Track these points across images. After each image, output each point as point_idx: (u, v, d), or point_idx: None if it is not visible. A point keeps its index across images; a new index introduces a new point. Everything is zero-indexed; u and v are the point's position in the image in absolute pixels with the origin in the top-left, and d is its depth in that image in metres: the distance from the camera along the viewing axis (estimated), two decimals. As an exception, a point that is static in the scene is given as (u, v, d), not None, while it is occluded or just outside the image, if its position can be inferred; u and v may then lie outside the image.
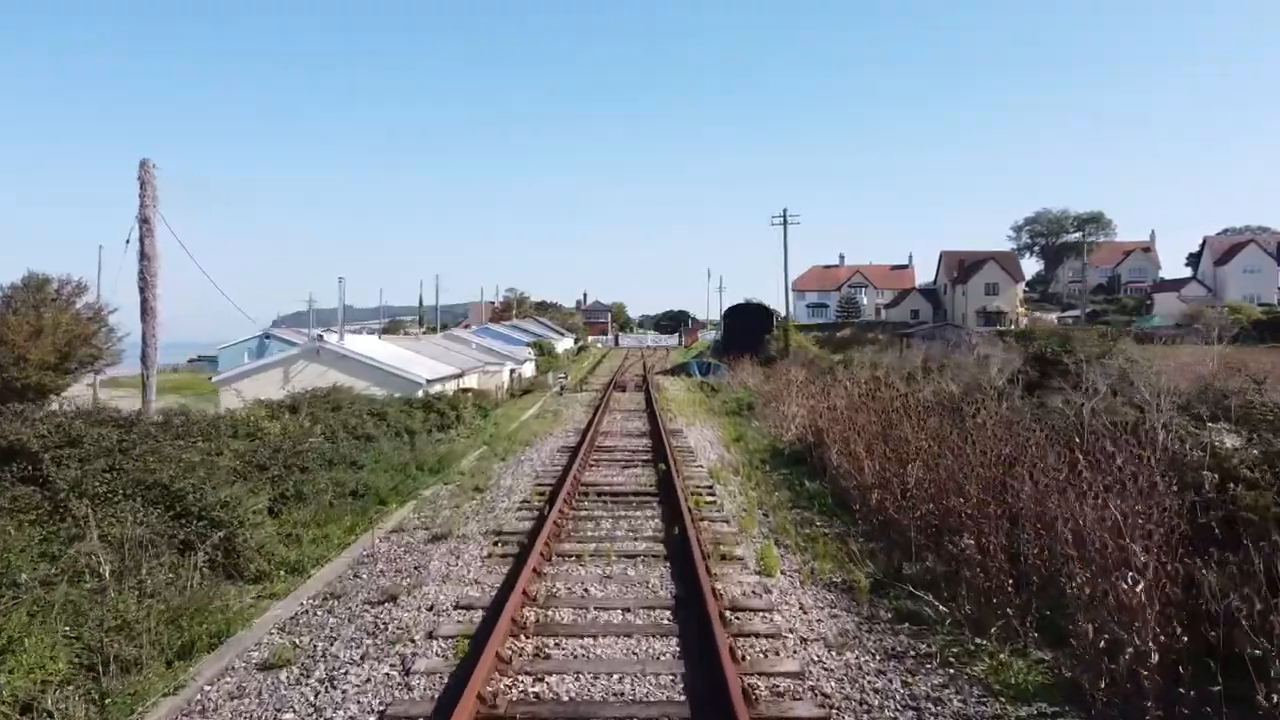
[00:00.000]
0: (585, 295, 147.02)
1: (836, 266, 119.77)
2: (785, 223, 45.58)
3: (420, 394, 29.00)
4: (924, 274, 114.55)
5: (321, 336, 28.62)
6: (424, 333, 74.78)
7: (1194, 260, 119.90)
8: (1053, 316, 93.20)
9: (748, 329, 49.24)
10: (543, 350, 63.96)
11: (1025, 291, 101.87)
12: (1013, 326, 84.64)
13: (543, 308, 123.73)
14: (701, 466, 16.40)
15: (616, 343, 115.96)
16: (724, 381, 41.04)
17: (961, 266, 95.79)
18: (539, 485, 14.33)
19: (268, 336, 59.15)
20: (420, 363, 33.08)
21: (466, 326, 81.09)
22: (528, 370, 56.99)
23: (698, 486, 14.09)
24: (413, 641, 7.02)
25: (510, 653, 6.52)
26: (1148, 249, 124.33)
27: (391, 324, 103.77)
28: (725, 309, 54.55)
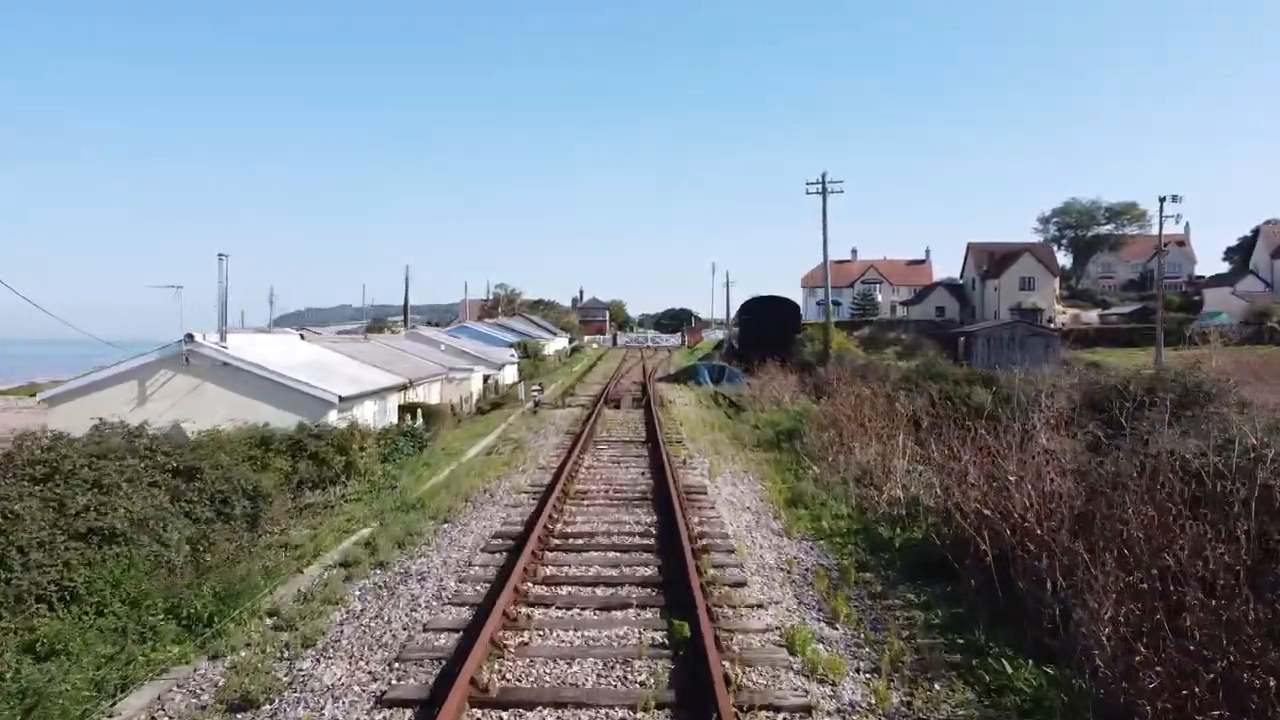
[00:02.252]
0: (581, 292, 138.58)
1: (848, 261, 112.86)
2: (825, 190, 35.95)
3: (333, 416, 20.91)
4: (941, 269, 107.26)
5: (191, 336, 20.32)
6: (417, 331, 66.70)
7: (1232, 254, 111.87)
8: (1094, 314, 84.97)
9: (770, 327, 40.02)
10: (527, 352, 55.54)
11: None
12: (1051, 324, 76.45)
13: (538, 305, 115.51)
14: (762, 610, 7.94)
15: (614, 342, 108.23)
16: (744, 393, 32.76)
17: (992, 260, 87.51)
18: (394, 697, 6.00)
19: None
20: (344, 372, 24.83)
21: (450, 326, 72.79)
22: (508, 375, 48.61)
23: (778, 706, 5.78)
24: None
25: None
26: (1182, 243, 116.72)
27: (376, 323, 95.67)
28: (742, 303, 45.36)
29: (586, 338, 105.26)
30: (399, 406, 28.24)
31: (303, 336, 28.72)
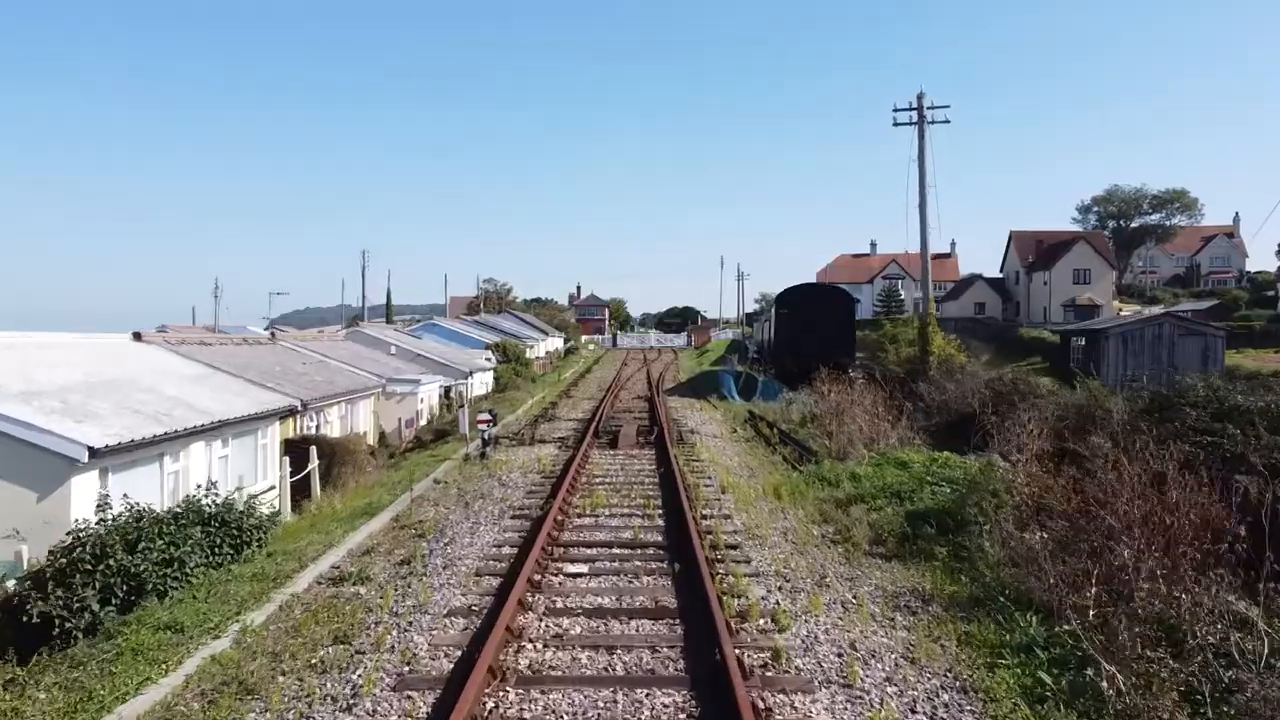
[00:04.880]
0: (579, 289, 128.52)
1: (867, 255, 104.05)
2: (921, 119, 24.89)
3: (79, 484, 11.52)
4: (968, 263, 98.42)
5: None
6: (360, 329, 57.07)
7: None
8: (1158, 310, 75.19)
9: (821, 324, 29.39)
10: (507, 355, 45.74)
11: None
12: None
13: (533, 303, 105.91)
14: None
15: (614, 343, 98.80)
16: (789, 412, 23.14)
17: (1040, 250, 77.74)
18: None
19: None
20: (164, 395, 15.15)
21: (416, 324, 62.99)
22: (480, 385, 38.94)
23: None
24: None
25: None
26: (1231, 234, 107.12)
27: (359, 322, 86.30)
28: (779, 294, 34.88)
29: (584, 338, 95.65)
30: (283, 443, 18.64)
31: (137, 336, 19.15)
